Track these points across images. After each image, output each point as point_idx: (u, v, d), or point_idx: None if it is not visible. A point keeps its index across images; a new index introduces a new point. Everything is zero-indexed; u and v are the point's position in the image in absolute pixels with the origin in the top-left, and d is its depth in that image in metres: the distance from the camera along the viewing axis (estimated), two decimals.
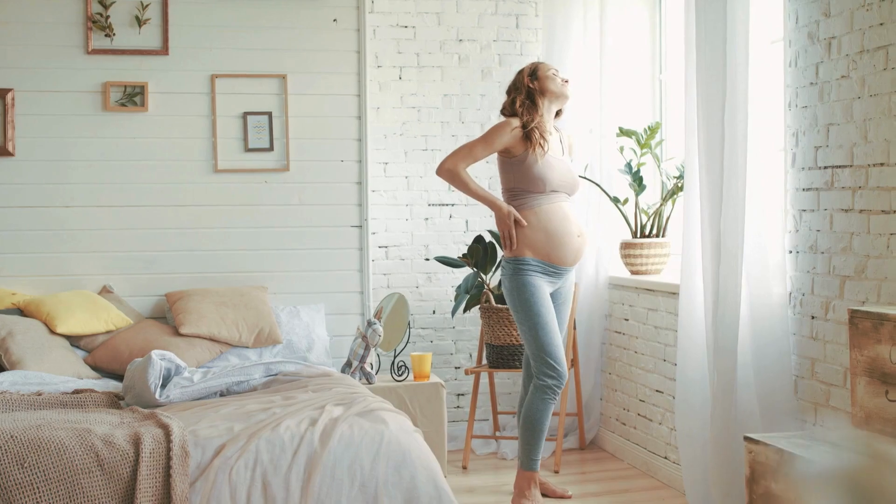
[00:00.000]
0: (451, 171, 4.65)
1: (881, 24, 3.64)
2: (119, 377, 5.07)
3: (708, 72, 4.26)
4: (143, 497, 3.44)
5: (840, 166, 3.88)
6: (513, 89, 4.83)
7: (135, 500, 3.43)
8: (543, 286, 4.68)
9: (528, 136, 4.66)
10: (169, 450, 3.52)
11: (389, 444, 3.69)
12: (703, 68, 4.30)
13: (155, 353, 4.26)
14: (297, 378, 4.41)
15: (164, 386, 4.23)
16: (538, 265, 4.65)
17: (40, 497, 3.36)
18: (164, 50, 5.60)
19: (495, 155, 4.78)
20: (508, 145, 4.67)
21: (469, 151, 4.67)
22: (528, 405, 4.72)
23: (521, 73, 4.85)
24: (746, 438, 3.31)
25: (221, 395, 4.33)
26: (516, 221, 4.64)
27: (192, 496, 3.49)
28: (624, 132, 5.57)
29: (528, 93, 4.78)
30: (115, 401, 4.30)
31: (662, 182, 5.62)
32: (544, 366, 4.65)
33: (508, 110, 4.82)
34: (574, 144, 5.09)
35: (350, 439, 3.67)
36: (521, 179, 4.67)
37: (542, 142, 4.66)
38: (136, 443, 3.54)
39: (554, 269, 4.69)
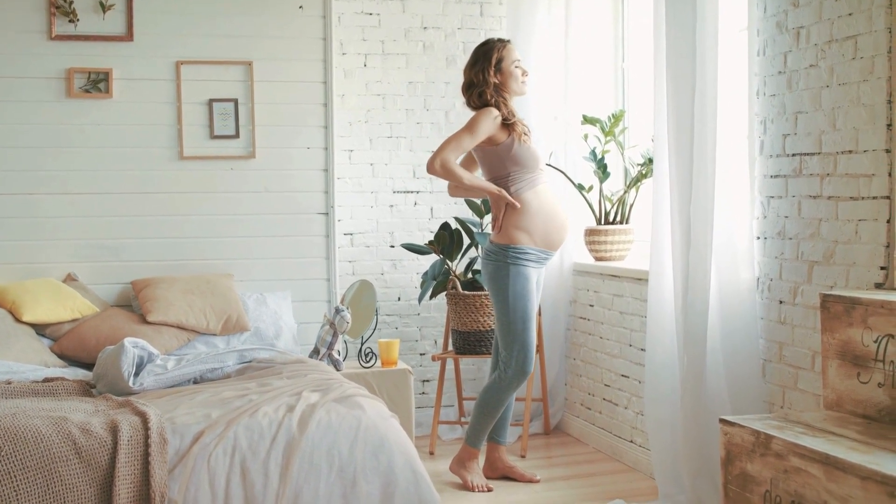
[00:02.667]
0: (444, 166, 4.60)
1: (850, 14, 3.71)
2: (85, 365, 5.04)
3: (677, 60, 4.31)
4: (122, 484, 3.43)
5: (808, 154, 3.95)
6: (481, 82, 4.74)
7: (113, 488, 3.42)
8: (533, 277, 4.71)
9: (509, 126, 4.68)
10: (147, 437, 3.51)
11: (367, 430, 3.71)
12: (672, 56, 4.35)
13: (128, 341, 4.24)
14: (271, 365, 4.41)
15: (137, 374, 4.21)
16: (534, 253, 4.67)
17: (18, 485, 3.34)
18: (128, 36, 5.55)
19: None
20: (492, 134, 4.67)
21: (458, 144, 4.62)
22: (491, 391, 4.78)
23: (486, 61, 4.73)
24: (722, 421, 3.37)
25: (195, 382, 4.32)
26: (508, 203, 4.66)
27: (171, 483, 3.49)
28: (588, 120, 5.61)
29: (495, 87, 4.76)
30: (87, 389, 4.27)
31: (626, 169, 5.67)
32: (516, 360, 4.70)
33: (476, 102, 4.78)
34: None
35: (328, 425, 3.68)
36: (515, 162, 4.68)
37: (525, 129, 4.71)
38: (114, 430, 3.53)
39: (546, 255, 4.73)
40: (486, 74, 4.73)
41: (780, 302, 4.13)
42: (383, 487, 3.64)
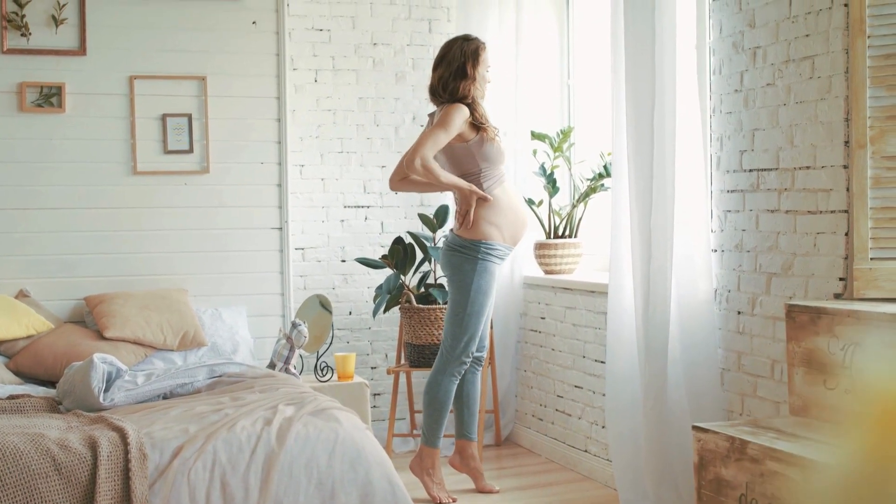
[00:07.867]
0: (425, 164, 4.58)
1: (807, 36, 3.86)
2: (42, 382, 4.99)
3: (636, 76, 4.42)
4: (103, 500, 3.43)
5: (766, 169, 4.09)
6: (459, 75, 4.75)
7: None
8: (497, 274, 4.85)
9: (479, 127, 4.75)
10: (127, 452, 3.51)
11: (344, 442, 3.76)
12: (631, 72, 4.46)
13: (97, 357, 4.23)
14: (241, 379, 4.42)
15: (106, 389, 4.19)
16: (501, 249, 4.77)
17: None
18: (81, 50, 5.52)
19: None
20: (463, 130, 4.73)
21: (434, 141, 4.61)
22: (435, 383, 4.88)
23: (475, 60, 4.77)
24: (695, 427, 3.48)
25: (164, 397, 4.31)
26: (480, 198, 4.72)
27: (152, 498, 3.50)
28: (536, 136, 5.73)
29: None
30: (54, 405, 4.25)
31: (573, 184, 5.80)
32: (464, 352, 4.82)
33: (451, 97, 4.77)
34: None
35: (306, 438, 3.72)
36: (484, 158, 4.74)
37: (495, 129, 4.80)
38: (93, 446, 3.52)
39: (510, 251, 4.85)
40: (466, 68, 4.76)
41: (739, 313, 4.27)
42: (361, 499, 3.69)
